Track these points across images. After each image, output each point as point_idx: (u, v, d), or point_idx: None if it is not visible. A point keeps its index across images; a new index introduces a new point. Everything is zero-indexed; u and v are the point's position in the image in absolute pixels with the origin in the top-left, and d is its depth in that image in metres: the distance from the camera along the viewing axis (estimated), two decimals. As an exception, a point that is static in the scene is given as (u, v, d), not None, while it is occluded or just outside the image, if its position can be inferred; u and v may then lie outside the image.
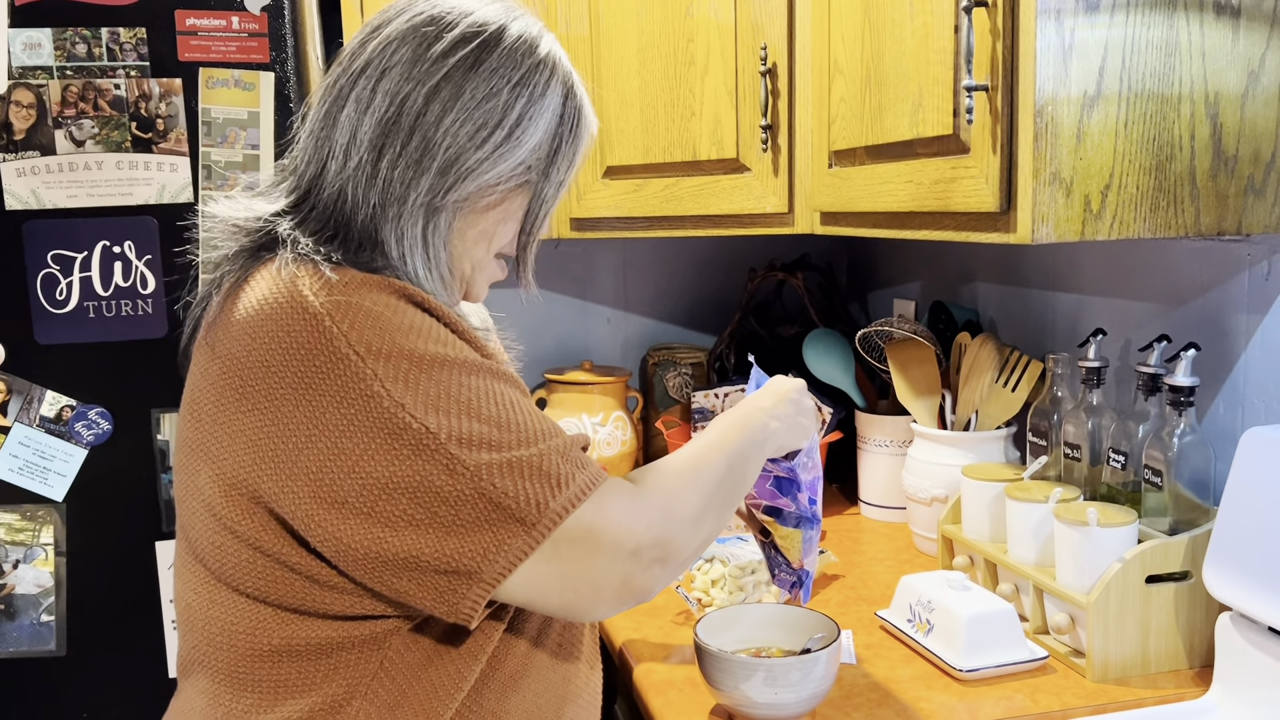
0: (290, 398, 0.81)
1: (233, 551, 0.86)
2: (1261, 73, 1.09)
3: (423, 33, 0.91)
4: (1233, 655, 1.10)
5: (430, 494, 0.79)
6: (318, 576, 0.85)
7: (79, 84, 1.42)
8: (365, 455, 0.79)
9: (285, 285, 0.84)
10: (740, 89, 1.61)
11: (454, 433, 0.79)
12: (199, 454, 0.87)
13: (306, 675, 0.87)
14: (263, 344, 0.82)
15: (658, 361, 2.13)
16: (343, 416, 0.79)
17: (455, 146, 0.89)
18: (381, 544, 0.80)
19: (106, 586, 1.51)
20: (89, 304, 1.45)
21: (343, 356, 0.80)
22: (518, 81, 0.92)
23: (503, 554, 0.79)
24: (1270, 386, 1.22)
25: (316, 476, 0.80)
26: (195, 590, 0.91)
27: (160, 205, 1.46)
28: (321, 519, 0.81)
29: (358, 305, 0.82)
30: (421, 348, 0.82)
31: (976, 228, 1.15)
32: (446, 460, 0.79)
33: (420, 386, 0.80)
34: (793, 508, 1.26)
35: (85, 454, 1.48)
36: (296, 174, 0.94)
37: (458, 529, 0.79)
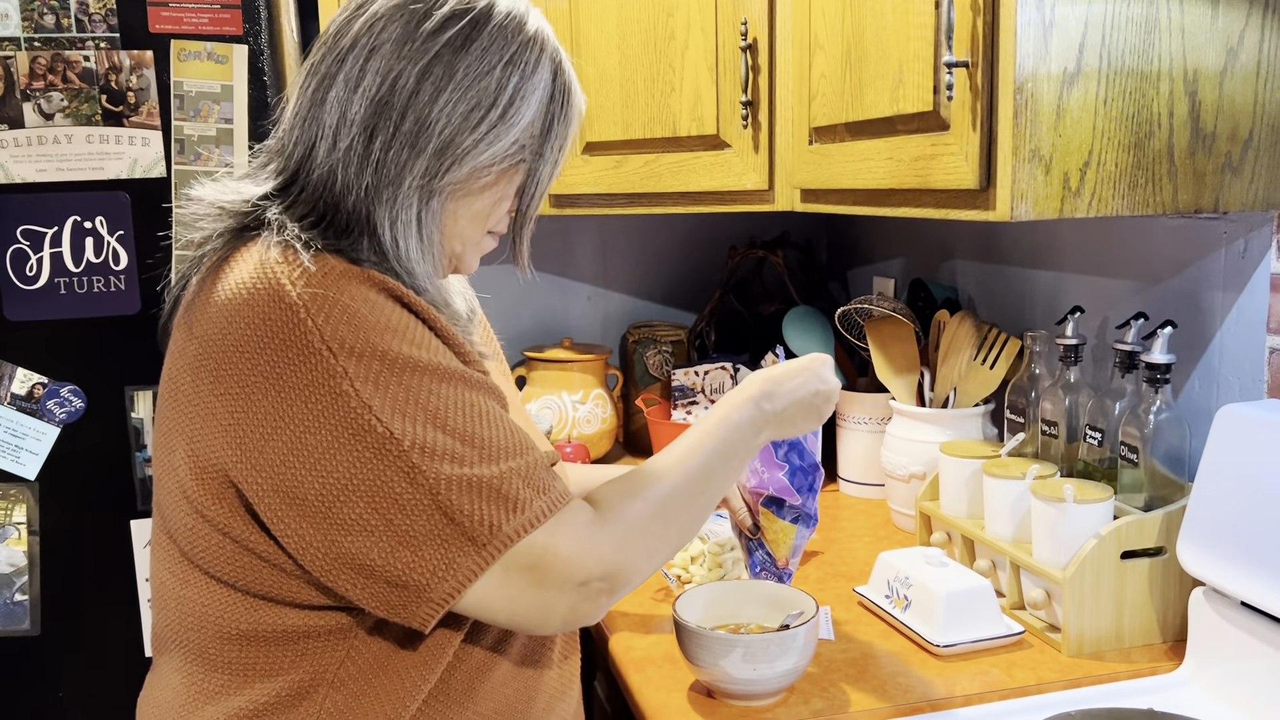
0: (260, 386, 0.80)
1: (203, 535, 0.86)
2: (1240, 50, 1.09)
3: (411, 10, 0.89)
4: (1206, 629, 1.11)
5: (387, 500, 0.78)
6: (283, 565, 0.85)
7: (47, 56, 1.39)
8: (327, 454, 0.78)
9: (266, 271, 0.82)
10: (721, 65, 1.60)
11: (418, 440, 0.78)
12: (175, 434, 0.86)
13: (273, 660, 0.87)
14: (238, 329, 0.81)
15: (638, 339, 2.13)
16: (309, 411, 0.79)
17: (450, 128, 0.88)
18: (336, 545, 0.79)
19: (80, 565, 1.50)
20: (60, 280, 1.43)
21: (315, 351, 0.79)
22: (509, 59, 0.90)
23: (452, 573, 0.78)
24: (1245, 364, 1.23)
25: (279, 469, 0.80)
26: (169, 569, 0.90)
27: (132, 180, 1.44)
28: (282, 512, 0.80)
29: (335, 299, 0.80)
30: (395, 349, 0.80)
31: (956, 205, 1.15)
32: (407, 468, 0.78)
33: (389, 390, 0.79)
34: (798, 501, 1.26)
35: (58, 432, 1.46)
36: (283, 155, 0.92)
37: (410, 540, 0.78)
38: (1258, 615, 1.06)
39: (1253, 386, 1.22)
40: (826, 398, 1.08)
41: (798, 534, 1.28)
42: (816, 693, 1.12)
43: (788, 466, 1.26)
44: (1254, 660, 1.05)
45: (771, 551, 1.30)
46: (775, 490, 1.27)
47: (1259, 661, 1.05)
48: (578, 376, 2.00)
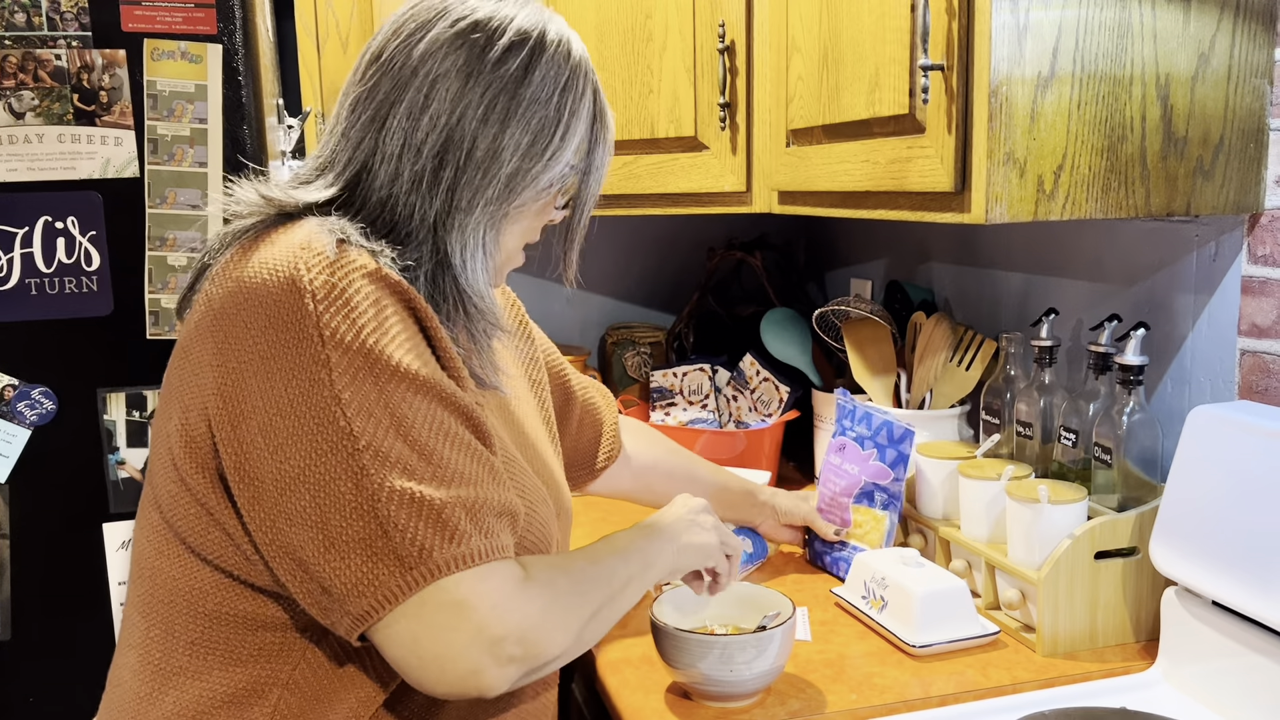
0: (254, 364, 0.81)
1: (184, 503, 0.87)
2: (1211, 55, 1.10)
3: (472, 40, 0.91)
4: (1178, 629, 1.12)
5: (329, 497, 0.77)
6: (243, 545, 0.85)
7: (18, 54, 1.37)
8: (289, 440, 0.79)
9: (290, 254, 0.83)
10: (698, 66, 1.60)
11: (374, 443, 0.78)
12: (173, 400, 0.87)
13: (233, 645, 0.88)
14: (249, 306, 0.82)
15: (616, 341, 2.13)
16: (286, 395, 0.79)
17: (518, 155, 0.92)
18: (280, 533, 0.80)
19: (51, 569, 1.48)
20: (31, 281, 1.42)
21: (307, 336, 0.79)
22: (564, 86, 0.94)
23: (373, 590, 0.77)
24: (1216, 365, 1.24)
25: (246, 447, 0.80)
26: (149, 539, 0.91)
27: (105, 180, 1.42)
28: (240, 489, 0.82)
29: (343, 291, 0.81)
30: (383, 349, 0.80)
31: (931, 208, 1.15)
32: (356, 469, 0.77)
33: (363, 387, 0.79)
34: (891, 482, 1.41)
35: (28, 434, 1.45)
36: (333, 173, 0.93)
37: (340, 545, 0.77)
38: (1229, 614, 1.07)
39: (1224, 388, 1.23)
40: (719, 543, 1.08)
41: (889, 520, 1.41)
42: (793, 693, 1.12)
43: (876, 450, 1.42)
44: (1225, 659, 1.06)
45: (863, 545, 1.41)
46: (870, 477, 1.42)
47: (1230, 660, 1.06)
48: (556, 378, 1.99)
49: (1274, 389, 1.17)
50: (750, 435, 1.81)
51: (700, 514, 1.08)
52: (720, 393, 1.98)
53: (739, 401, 1.97)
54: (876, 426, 1.44)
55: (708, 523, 1.08)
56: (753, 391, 1.94)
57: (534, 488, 0.99)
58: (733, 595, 1.20)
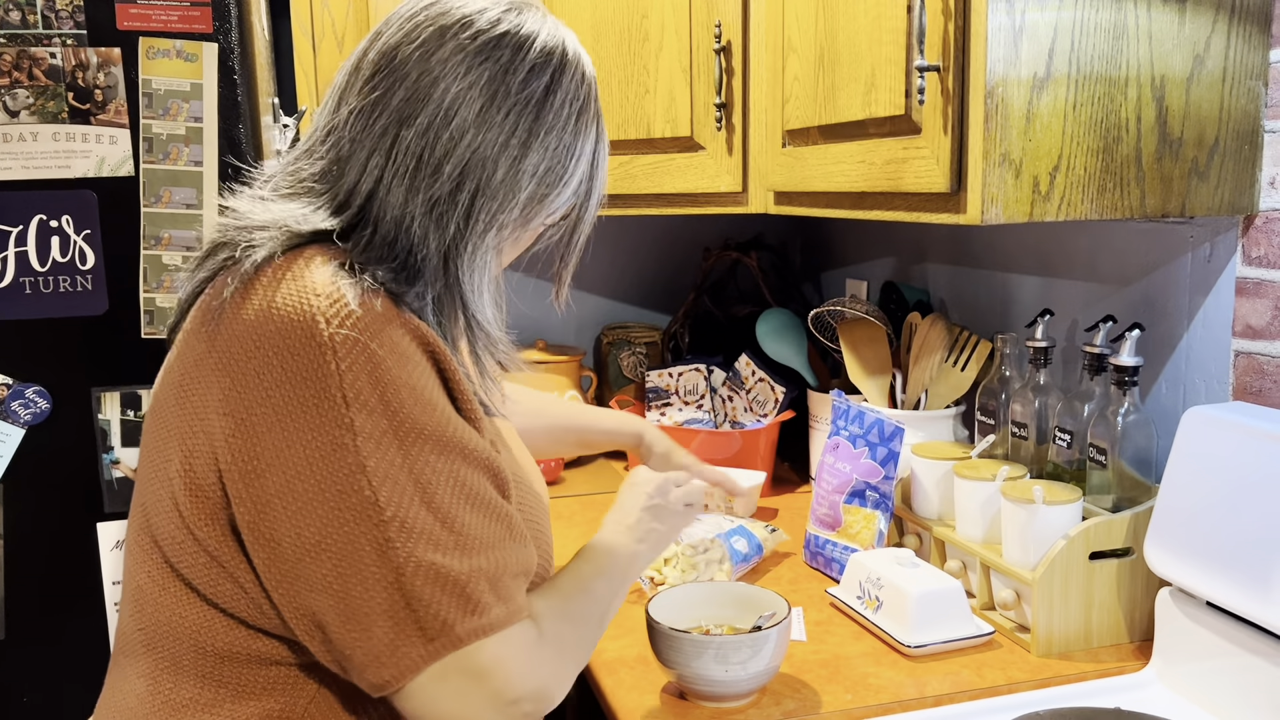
0: (269, 419, 0.78)
1: (190, 549, 0.84)
2: (1206, 57, 1.10)
3: (496, 56, 0.88)
4: (1172, 629, 1.13)
5: (352, 567, 0.76)
6: (255, 596, 0.83)
7: (13, 52, 1.37)
8: (310, 504, 0.77)
9: (305, 300, 0.79)
10: (695, 67, 1.60)
11: (399, 514, 0.77)
12: (173, 441, 0.83)
13: (245, 681, 0.85)
14: (263, 354, 0.79)
15: (612, 341, 2.13)
16: (306, 457, 0.77)
17: (534, 180, 0.90)
18: (299, 597, 0.78)
19: (46, 569, 1.47)
20: (25, 279, 1.41)
21: (330, 397, 0.77)
22: (579, 111, 0.92)
23: (395, 660, 0.77)
24: (1211, 366, 1.25)
25: (264, 507, 0.78)
26: (149, 574, 0.88)
27: (100, 178, 1.42)
28: (257, 549, 0.79)
29: (365, 346, 0.78)
30: (406, 410, 0.78)
31: (927, 208, 1.15)
32: (381, 541, 0.76)
33: (388, 454, 0.77)
34: (882, 480, 1.42)
35: (22, 434, 1.44)
36: (338, 184, 0.88)
37: (362, 616, 0.76)
38: (1223, 615, 1.07)
39: (1218, 389, 1.24)
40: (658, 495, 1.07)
41: (880, 519, 1.41)
42: (788, 693, 1.12)
43: (867, 448, 1.43)
44: (1219, 659, 1.07)
45: (854, 545, 1.42)
46: (861, 475, 1.42)
47: (1224, 660, 1.06)
48: (552, 378, 1.99)
49: (1268, 390, 1.17)
50: (746, 435, 1.81)
51: (654, 498, 1.07)
52: (716, 393, 1.99)
53: (735, 402, 1.97)
54: (869, 425, 1.44)
55: (664, 503, 1.07)
56: (748, 392, 1.94)
57: (537, 501, 0.98)
58: (728, 595, 1.20)
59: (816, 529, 1.49)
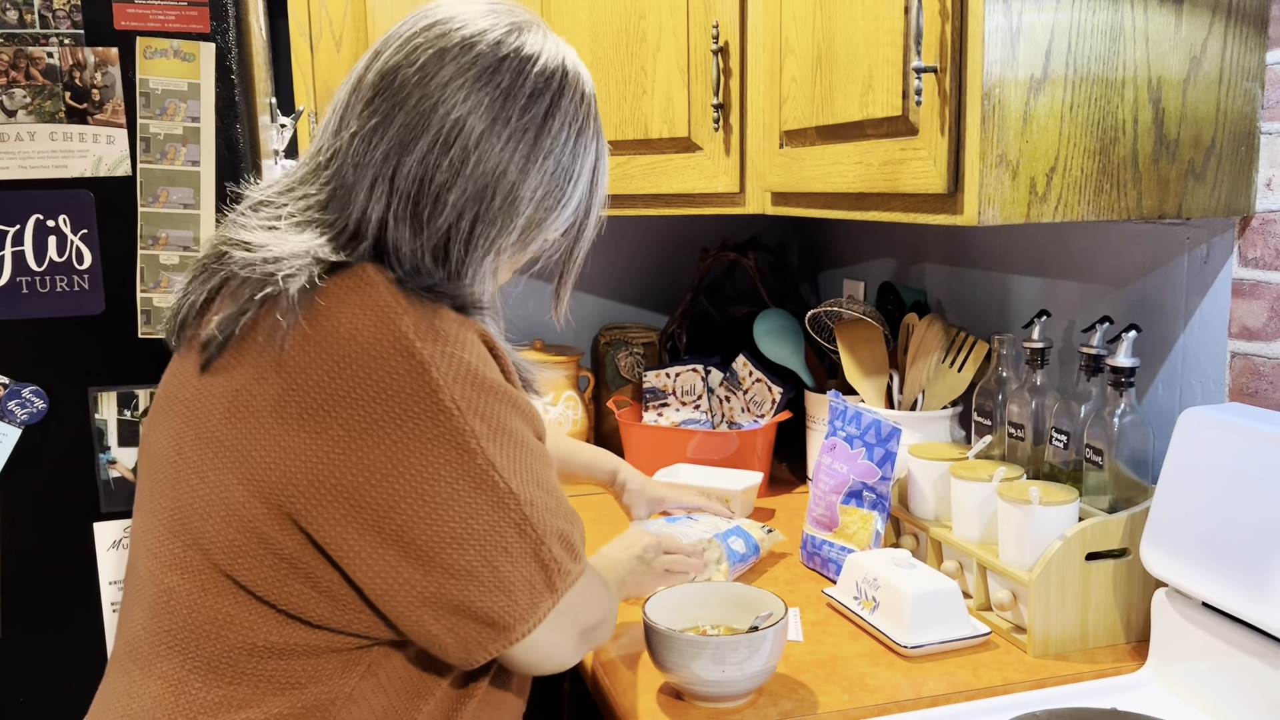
0: (373, 433, 0.81)
1: (254, 555, 0.84)
2: (1203, 58, 1.10)
3: (496, 82, 0.89)
4: (1168, 630, 1.13)
5: (498, 549, 0.84)
6: (338, 596, 0.85)
7: (10, 52, 1.37)
8: (446, 503, 0.82)
9: (386, 319, 0.82)
10: (692, 67, 1.61)
11: (528, 496, 0.85)
12: (233, 455, 0.84)
13: (292, 674, 0.86)
14: (354, 377, 0.81)
15: (609, 341, 2.13)
16: (429, 463, 0.81)
17: (531, 207, 0.92)
18: (438, 588, 0.83)
19: (42, 568, 1.47)
20: (21, 279, 1.41)
21: (445, 409, 0.81)
22: (578, 131, 0.94)
23: (533, 614, 0.86)
24: (1207, 367, 1.25)
25: (387, 514, 0.81)
26: (184, 575, 0.87)
27: (97, 178, 1.42)
28: (378, 553, 0.82)
29: (458, 356, 0.83)
30: (505, 412, 0.86)
31: (924, 209, 1.15)
32: (521, 520, 0.85)
33: (504, 450, 0.85)
34: (879, 481, 1.42)
35: (19, 433, 1.44)
36: (348, 215, 0.88)
37: (509, 585, 0.84)
38: (1219, 616, 1.07)
39: (1215, 390, 1.24)
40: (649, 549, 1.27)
41: (876, 520, 1.41)
42: (785, 694, 1.12)
43: (864, 449, 1.43)
44: (1215, 660, 1.07)
45: (851, 546, 1.42)
46: (858, 476, 1.42)
47: (1220, 661, 1.06)
48: (549, 378, 1.99)
49: (1264, 391, 1.17)
50: (743, 436, 1.81)
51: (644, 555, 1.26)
52: (713, 393, 1.99)
53: (732, 402, 1.97)
54: (865, 426, 1.44)
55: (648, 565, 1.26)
56: (745, 392, 1.95)
57: None
58: (725, 596, 1.20)
59: (813, 529, 1.49)
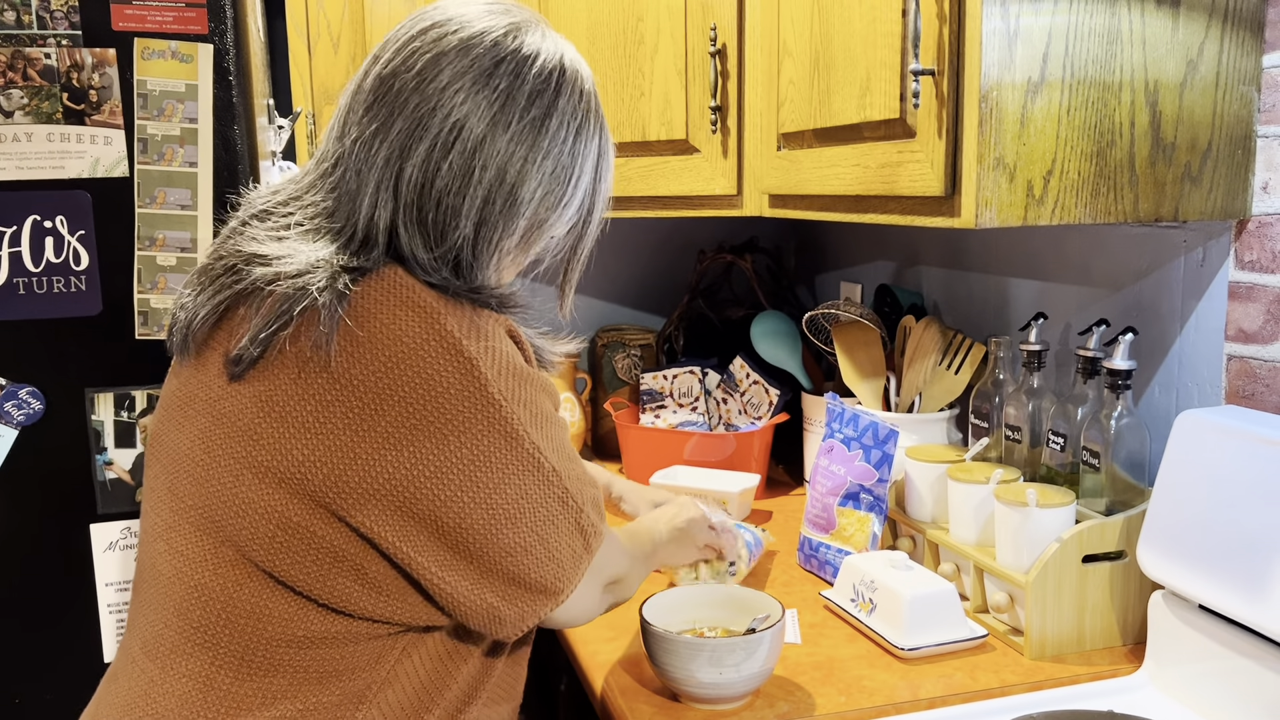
0: (425, 430, 0.83)
1: (296, 551, 0.85)
2: (1200, 62, 1.11)
3: (494, 85, 0.89)
4: (1164, 632, 1.13)
5: (548, 523, 0.89)
6: (385, 587, 0.86)
7: (7, 53, 1.37)
8: (498, 488, 0.86)
9: (432, 319, 0.85)
10: (690, 70, 1.61)
11: (566, 471, 0.91)
12: (271, 454, 0.84)
13: (329, 664, 0.88)
14: (403, 375, 0.83)
15: (606, 343, 2.13)
16: (480, 453, 0.85)
17: (532, 208, 0.92)
18: (496, 565, 0.87)
19: (38, 570, 1.47)
20: (19, 280, 1.41)
21: (494, 402, 0.85)
22: (578, 129, 0.94)
23: (576, 575, 0.93)
24: (1203, 370, 1.25)
25: (441, 505, 0.84)
26: (216, 571, 0.87)
27: (94, 179, 1.42)
28: (431, 546, 0.85)
29: (499, 350, 0.87)
30: (537, 396, 0.90)
31: (921, 212, 1.16)
32: (563, 494, 0.90)
33: (544, 431, 0.90)
34: (876, 483, 1.42)
35: (15, 434, 1.44)
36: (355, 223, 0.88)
37: (557, 554, 0.91)
38: (1215, 618, 1.07)
39: (1211, 393, 1.24)
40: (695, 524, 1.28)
41: (874, 522, 1.41)
42: (782, 696, 1.12)
43: (861, 451, 1.44)
44: (1211, 662, 1.07)
45: (848, 548, 1.43)
46: (856, 478, 1.43)
47: (1216, 663, 1.06)
48: (546, 380, 1.99)
49: (1260, 394, 1.17)
50: (740, 438, 1.81)
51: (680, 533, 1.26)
52: (710, 395, 1.99)
53: (729, 404, 1.97)
54: (863, 428, 1.44)
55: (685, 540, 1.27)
56: (742, 394, 1.95)
57: None
58: (722, 598, 1.20)
59: (810, 531, 1.49)
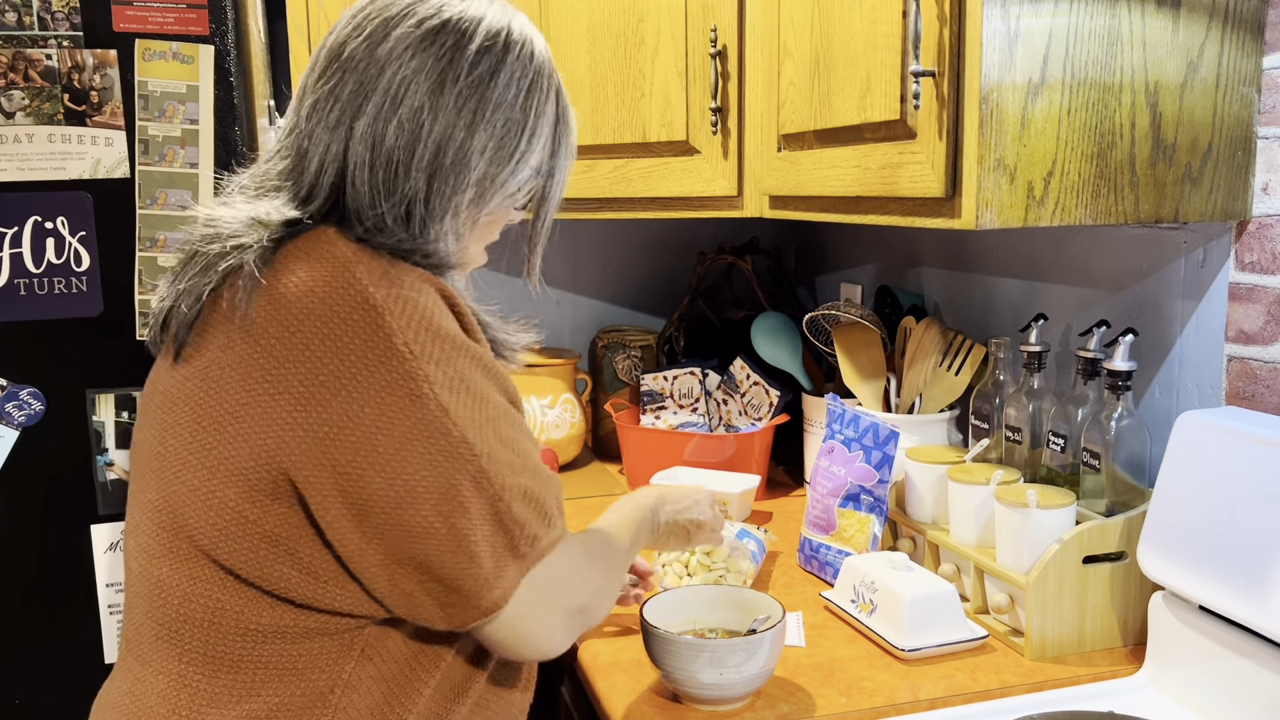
0: (330, 386, 0.80)
1: (238, 537, 0.84)
2: (1200, 63, 1.11)
3: (440, 43, 0.90)
4: (1165, 633, 1.13)
5: (453, 503, 0.81)
6: (318, 571, 0.84)
7: (8, 54, 1.37)
8: (398, 455, 0.80)
9: (342, 269, 0.82)
10: (690, 71, 1.61)
11: (486, 449, 0.82)
12: (211, 434, 0.84)
13: (288, 660, 0.86)
14: (309, 328, 0.81)
15: (607, 344, 2.13)
16: (382, 413, 0.80)
17: (484, 160, 0.91)
18: (399, 547, 0.81)
19: (39, 572, 1.47)
20: (20, 281, 1.41)
21: (397, 353, 0.80)
22: (528, 88, 0.93)
23: (500, 581, 0.83)
24: (1204, 371, 1.25)
25: (344, 470, 0.80)
26: (174, 566, 0.88)
27: (95, 180, 1.42)
28: (341, 514, 0.81)
29: (414, 300, 0.82)
30: (462, 356, 0.83)
31: (922, 213, 1.16)
32: (477, 473, 0.81)
33: (461, 398, 0.82)
34: (876, 484, 1.42)
35: (16, 435, 1.44)
36: (303, 180, 0.90)
37: (468, 544, 0.81)
38: (1215, 619, 1.07)
39: (1211, 394, 1.24)
40: (699, 527, 1.19)
41: (874, 523, 1.41)
42: (783, 696, 1.12)
43: (862, 452, 1.43)
44: (1212, 663, 1.07)
45: (848, 549, 1.42)
46: (856, 479, 1.43)
47: (1216, 664, 1.06)
48: (546, 381, 1.99)
49: (1260, 395, 1.17)
50: (740, 439, 1.81)
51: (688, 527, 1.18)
52: (710, 396, 1.99)
53: (729, 405, 1.97)
54: (863, 429, 1.44)
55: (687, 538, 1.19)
56: (743, 395, 1.95)
57: None
58: (723, 598, 1.20)
59: (811, 533, 1.49)
